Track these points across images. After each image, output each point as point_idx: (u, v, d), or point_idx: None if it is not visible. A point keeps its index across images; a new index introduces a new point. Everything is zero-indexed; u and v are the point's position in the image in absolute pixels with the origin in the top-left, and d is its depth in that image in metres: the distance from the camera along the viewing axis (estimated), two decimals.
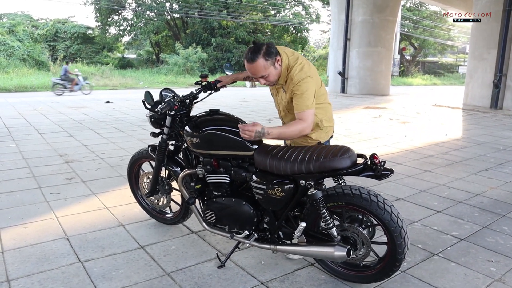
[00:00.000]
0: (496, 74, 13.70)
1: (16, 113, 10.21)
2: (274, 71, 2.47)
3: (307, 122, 2.46)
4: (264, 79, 2.50)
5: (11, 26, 28.46)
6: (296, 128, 2.45)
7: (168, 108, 2.67)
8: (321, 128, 2.72)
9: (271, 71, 2.45)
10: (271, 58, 2.42)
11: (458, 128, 9.41)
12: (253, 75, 2.49)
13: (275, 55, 2.44)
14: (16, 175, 4.73)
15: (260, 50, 2.39)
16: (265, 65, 2.41)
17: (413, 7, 42.11)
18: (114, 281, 2.52)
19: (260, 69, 2.42)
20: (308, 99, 2.46)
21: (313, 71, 2.57)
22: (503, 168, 5.57)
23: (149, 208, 3.47)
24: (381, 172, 2.14)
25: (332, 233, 2.33)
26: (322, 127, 2.72)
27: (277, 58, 2.46)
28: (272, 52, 2.42)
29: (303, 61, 2.57)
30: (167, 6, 34.28)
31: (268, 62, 2.41)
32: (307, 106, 2.45)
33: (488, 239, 3.25)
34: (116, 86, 21.64)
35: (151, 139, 6.08)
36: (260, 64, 2.40)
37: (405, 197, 4.25)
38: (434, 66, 47.53)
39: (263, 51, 2.39)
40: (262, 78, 2.49)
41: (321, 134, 2.74)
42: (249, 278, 2.59)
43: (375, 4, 17.39)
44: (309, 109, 2.46)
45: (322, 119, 2.70)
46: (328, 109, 2.78)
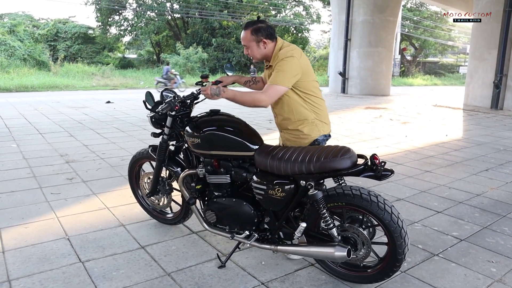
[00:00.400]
0: (496, 74, 13.70)
1: (17, 113, 10.22)
2: (256, 48, 2.65)
3: (267, 95, 2.49)
4: (246, 49, 2.70)
5: (12, 26, 28.47)
6: (252, 96, 2.50)
7: (169, 109, 2.67)
8: (312, 122, 2.70)
9: (252, 46, 2.65)
10: (256, 36, 2.61)
11: (459, 129, 9.40)
12: (242, 41, 2.69)
13: (263, 37, 2.61)
14: (17, 175, 4.74)
15: (253, 24, 2.63)
16: (250, 38, 2.63)
17: (414, 7, 42.09)
18: (114, 281, 2.53)
19: (244, 38, 2.66)
20: (282, 76, 2.51)
21: (303, 59, 2.62)
22: (504, 169, 5.57)
23: (150, 208, 3.47)
24: (382, 172, 2.15)
25: (332, 234, 2.33)
26: (313, 121, 2.70)
27: (263, 40, 2.62)
28: (260, 31, 2.61)
29: (296, 48, 2.64)
30: (168, 6, 34.28)
31: (253, 37, 2.62)
32: (276, 82, 2.50)
33: (488, 240, 3.25)
34: (117, 86, 21.65)
35: (151, 139, 6.08)
36: (246, 34, 2.63)
37: (405, 197, 4.25)
38: (435, 67, 47.50)
39: (254, 26, 2.61)
40: (245, 47, 2.69)
41: (313, 129, 2.71)
42: (250, 278, 2.59)
43: (376, 4, 17.39)
44: (276, 85, 2.49)
45: (313, 112, 2.70)
46: (321, 105, 2.77)
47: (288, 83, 2.53)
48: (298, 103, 2.65)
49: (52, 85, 19.78)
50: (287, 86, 2.53)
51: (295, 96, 2.64)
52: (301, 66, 2.58)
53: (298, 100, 2.65)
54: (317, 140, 2.73)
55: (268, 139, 7.26)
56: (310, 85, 2.66)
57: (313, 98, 2.69)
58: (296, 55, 2.57)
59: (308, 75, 2.65)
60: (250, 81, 3.08)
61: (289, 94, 2.62)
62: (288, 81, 2.53)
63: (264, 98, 2.49)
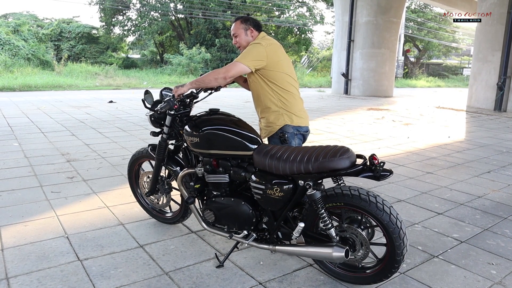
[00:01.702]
0: (500, 76, 13.64)
1: (20, 112, 10.25)
2: (244, 36, 2.92)
3: (227, 69, 2.71)
4: (235, 38, 2.94)
5: (16, 25, 28.60)
6: (213, 73, 2.72)
7: (168, 108, 2.67)
8: (277, 111, 2.84)
9: (240, 33, 2.91)
10: (245, 24, 2.91)
11: (461, 130, 9.36)
12: (231, 32, 2.96)
13: (250, 25, 2.92)
14: (18, 174, 4.75)
15: (242, 16, 2.97)
16: (239, 26, 2.91)
17: (418, 8, 41.99)
18: (112, 279, 2.52)
19: (234, 28, 2.93)
20: (244, 56, 2.74)
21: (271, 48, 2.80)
22: (506, 171, 5.54)
23: (149, 207, 3.47)
24: (380, 173, 2.13)
25: (330, 234, 2.32)
26: (279, 110, 2.84)
27: (251, 29, 2.92)
28: (248, 21, 2.93)
29: (266, 39, 2.87)
30: (172, 7, 34.34)
31: (242, 25, 2.91)
32: (238, 59, 2.72)
33: (489, 242, 3.23)
34: (120, 86, 21.69)
35: (153, 139, 6.09)
36: (237, 24, 2.93)
37: (406, 198, 4.24)
38: (438, 68, 47.37)
39: (243, 17, 2.96)
40: (234, 36, 2.94)
41: (279, 118, 2.85)
42: (248, 278, 2.59)
43: (379, 5, 17.36)
44: (238, 62, 2.71)
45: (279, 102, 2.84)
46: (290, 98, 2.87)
47: (249, 63, 2.71)
48: (266, 92, 2.84)
49: (56, 84, 19.82)
50: (247, 65, 2.71)
51: (263, 84, 2.83)
52: (267, 54, 2.75)
53: (266, 89, 2.83)
54: (282, 131, 2.82)
55: None
56: (279, 77, 2.80)
57: (281, 90, 2.82)
58: (263, 43, 2.78)
59: (278, 66, 2.79)
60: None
61: (257, 81, 2.84)
62: (250, 62, 2.72)
63: (223, 71, 2.70)
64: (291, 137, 2.86)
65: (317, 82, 28.13)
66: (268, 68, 2.76)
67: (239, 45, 2.96)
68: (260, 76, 2.81)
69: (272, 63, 2.76)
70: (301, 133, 2.92)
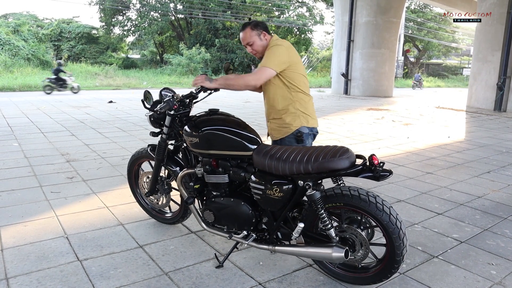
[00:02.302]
0: (500, 76, 13.65)
1: (19, 112, 10.25)
2: (259, 41, 2.82)
3: (255, 75, 2.67)
4: (250, 47, 2.84)
5: (16, 25, 28.62)
6: (242, 79, 2.69)
7: (168, 108, 2.67)
8: (294, 112, 2.80)
9: (255, 40, 2.81)
10: (257, 29, 2.81)
11: (461, 131, 9.37)
12: (243, 42, 2.86)
13: (262, 29, 2.83)
14: (18, 174, 4.75)
15: (250, 23, 2.84)
16: (251, 33, 2.80)
17: (417, 9, 42.01)
18: (112, 280, 2.52)
19: (247, 37, 2.81)
20: (271, 59, 2.68)
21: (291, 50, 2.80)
22: (506, 171, 5.54)
23: (149, 207, 3.47)
24: (380, 173, 2.13)
25: (330, 234, 2.31)
26: (296, 111, 2.80)
27: (263, 32, 2.83)
28: (258, 25, 2.83)
29: (285, 41, 2.83)
30: (171, 7, 34.34)
31: (254, 32, 2.80)
32: (265, 64, 2.67)
33: (489, 242, 3.23)
34: (120, 86, 21.70)
35: (152, 139, 6.09)
36: (247, 32, 2.81)
37: (406, 199, 4.24)
38: (438, 68, 47.40)
39: (252, 22, 2.85)
40: (248, 45, 2.84)
41: (295, 119, 2.81)
42: (247, 278, 2.58)
43: (379, 5, 17.37)
44: (265, 67, 2.66)
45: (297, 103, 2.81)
46: (306, 100, 2.87)
47: (276, 67, 2.67)
48: (285, 93, 2.78)
49: None
50: (275, 69, 2.67)
51: (281, 85, 2.77)
52: (289, 56, 2.74)
53: (284, 89, 2.78)
54: (299, 132, 2.80)
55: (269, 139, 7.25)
56: (297, 78, 2.78)
57: (299, 91, 2.81)
58: (284, 45, 2.76)
59: (297, 67, 2.78)
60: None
61: (276, 82, 2.78)
62: (276, 65, 2.67)
63: (253, 78, 2.66)
64: (306, 137, 2.85)
65: (317, 82, 28.16)
66: (289, 69, 2.74)
67: (255, 52, 2.86)
68: (281, 78, 2.76)
69: (293, 65, 2.75)
70: (313, 133, 2.93)
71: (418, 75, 30.91)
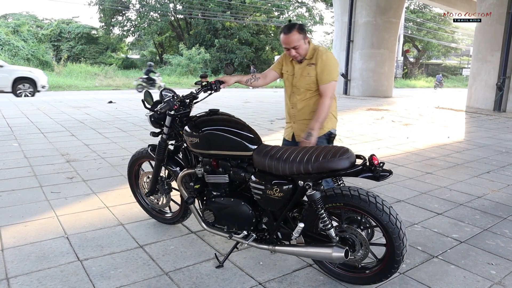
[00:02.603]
0: (499, 76, 13.66)
1: (19, 112, 10.25)
2: (304, 45, 2.87)
3: (327, 96, 2.86)
4: (295, 50, 2.86)
5: (15, 26, 28.63)
6: (326, 107, 2.85)
7: (168, 108, 2.67)
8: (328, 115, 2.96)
9: (301, 44, 2.85)
10: (303, 33, 2.85)
11: (461, 131, 9.38)
12: (287, 45, 2.87)
13: (305, 33, 2.89)
14: (18, 174, 4.75)
15: (295, 25, 2.86)
16: (298, 37, 2.82)
17: (417, 9, 42.04)
18: (112, 280, 2.53)
19: (294, 40, 2.82)
20: (333, 72, 2.86)
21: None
22: (505, 171, 5.54)
23: (149, 207, 3.47)
24: (380, 173, 2.14)
25: (330, 234, 2.32)
26: (329, 114, 2.97)
27: (307, 36, 2.90)
28: (304, 29, 2.88)
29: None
30: (171, 7, 34.36)
31: (301, 35, 2.84)
32: (333, 77, 2.85)
33: (488, 242, 3.23)
34: (120, 87, 21.71)
35: (152, 139, 6.09)
36: (294, 35, 2.82)
37: (405, 199, 4.24)
38: (438, 68, 47.43)
39: (298, 26, 2.86)
40: (294, 48, 2.85)
41: (328, 122, 3.00)
42: (247, 278, 2.59)
43: (378, 5, 17.38)
44: (333, 81, 2.86)
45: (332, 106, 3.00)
46: (335, 103, 3.09)
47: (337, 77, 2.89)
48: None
49: (55, 85, 19.84)
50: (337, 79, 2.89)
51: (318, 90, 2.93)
52: None
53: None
54: (331, 133, 3.02)
55: (269, 139, 7.26)
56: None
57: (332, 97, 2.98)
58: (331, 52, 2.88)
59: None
60: (251, 79, 3.16)
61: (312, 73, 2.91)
62: (337, 75, 2.89)
63: (327, 99, 2.86)
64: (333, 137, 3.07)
65: None
66: None
67: (298, 55, 2.90)
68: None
69: None
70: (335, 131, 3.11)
71: (439, 76, 31.79)
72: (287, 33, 2.83)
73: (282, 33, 2.88)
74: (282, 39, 2.89)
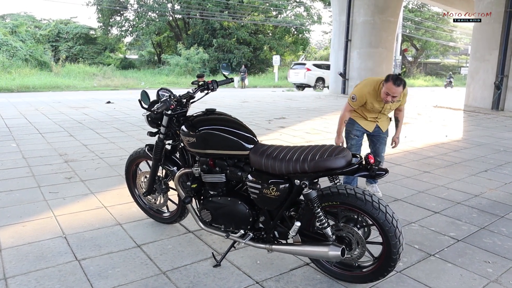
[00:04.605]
0: (497, 75, 13.68)
1: (18, 113, 10.24)
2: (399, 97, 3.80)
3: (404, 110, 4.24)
4: (393, 99, 3.65)
5: (13, 26, 28.59)
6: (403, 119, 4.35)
7: (165, 108, 2.67)
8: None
9: (399, 96, 3.74)
10: (403, 89, 3.64)
11: (459, 130, 9.39)
12: (391, 93, 3.60)
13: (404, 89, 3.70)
14: (16, 174, 4.75)
15: (403, 81, 3.59)
16: (401, 91, 3.63)
17: (415, 8, 42.06)
18: (110, 279, 2.53)
19: (398, 92, 3.59)
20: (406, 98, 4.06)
21: None
22: (503, 170, 5.56)
23: (146, 207, 3.48)
24: (376, 171, 2.15)
25: (327, 233, 2.33)
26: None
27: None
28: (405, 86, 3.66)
29: None
30: (169, 7, 34.33)
31: (402, 91, 3.64)
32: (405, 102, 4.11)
33: (485, 240, 3.25)
34: (118, 87, 21.69)
35: (150, 139, 6.09)
36: (400, 89, 3.58)
37: (403, 198, 4.25)
38: (436, 68, 47.48)
39: (404, 83, 3.60)
40: (394, 97, 3.63)
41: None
42: (245, 277, 2.60)
43: (376, 5, 17.37)
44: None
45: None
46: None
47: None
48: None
49: (54, 85, 19.82)
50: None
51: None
52: None
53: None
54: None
55: (267, 139, 7.26)
56: None
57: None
58: None
59: None
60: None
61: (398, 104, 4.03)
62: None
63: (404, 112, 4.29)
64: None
65: None
66: None
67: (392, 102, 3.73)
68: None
69: None
70: None
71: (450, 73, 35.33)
72: (398, 86, 3.53)
73: (391, 83, 3.53)
74: (389, 88, 3.55)
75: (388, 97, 3.63)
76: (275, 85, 26.08)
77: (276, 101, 15.33)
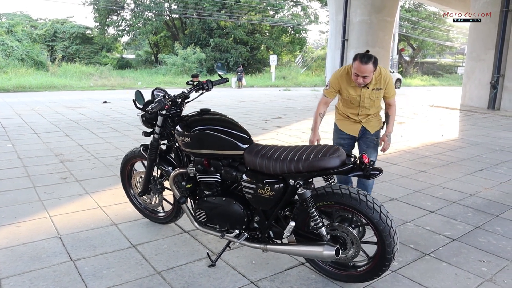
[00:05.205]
0: (493, 75, 13.72)
1: (13, 113, 10.20)
2: (371, 76, 3.23)
3: (395, 104, 3.71)
4: (363, 79, 3.20)
5: (9, 26, 28.45)
6: (394, 115, 3.74)
7: (159, 108, 2.67)
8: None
9: (371, 75, 3.21)
10: (375, 67, 3.17)
11: (455, 129, 9.42)
12: (359, 73, 3.16)
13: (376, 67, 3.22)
14: (11, 175, 4.73)
15: (372, 58, 3.14)
16: (372, 69, 3.15)
17: (412, 8, 42.13)
18: (104, 279, 2.53)
19: (367, 71, 3.14)
20: (394, 89, 3.58)
21: None
22: (498, 169, 5.58)
23: (142, 207, 3.47)
24: (370, 171, 2.15)
25: (321, 233, 2.33)
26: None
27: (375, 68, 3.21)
28: (377, 64, 3.20)
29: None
30: (166, 7, 34.25)
31: (374, 68, 3.16)
32: (394, 93, 3.61)
33: (480, 239, 3.26)
34: (114, 86, 21.62)
35: (145, 139, 6.08)
36: (369, 67, 3.12)
37: (399, 197, 4.26)
38: (433, 67, 47.59)
39: (373, 60, 3.15)
40: (364, 77, 3.19)
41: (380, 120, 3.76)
42: (240, 277, 2.59)
43: (373, 4, 17.38)
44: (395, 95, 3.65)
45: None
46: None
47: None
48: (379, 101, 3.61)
49: (50, 85, 19.74)
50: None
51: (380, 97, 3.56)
52: None
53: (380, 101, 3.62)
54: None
55: (263, 139, 7.26)
56: None
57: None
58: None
59: None
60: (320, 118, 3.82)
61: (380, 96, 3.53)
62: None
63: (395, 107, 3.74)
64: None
65: (312, 81, 28.18)
66: None
67: (365, 83, 3.27)
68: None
69: None
70: None
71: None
72: (364, 64, 3.11)
73: (358, 61, 3.13)
74: (356, 67, 3.15)
75: (358, 78, 3.19)
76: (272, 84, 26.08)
77: (273, 101, 15.34)
